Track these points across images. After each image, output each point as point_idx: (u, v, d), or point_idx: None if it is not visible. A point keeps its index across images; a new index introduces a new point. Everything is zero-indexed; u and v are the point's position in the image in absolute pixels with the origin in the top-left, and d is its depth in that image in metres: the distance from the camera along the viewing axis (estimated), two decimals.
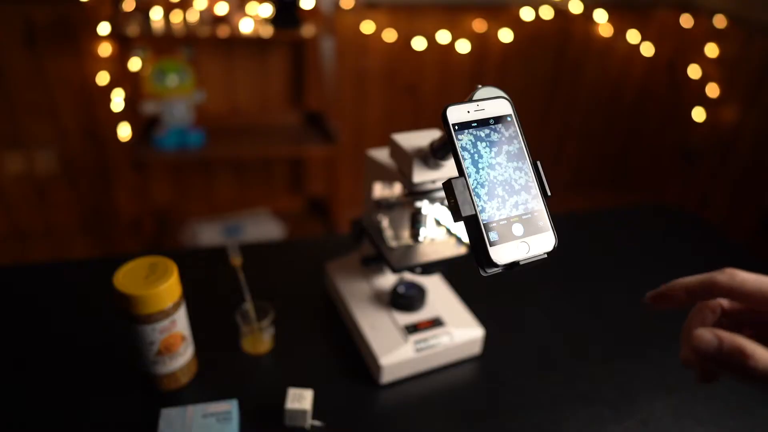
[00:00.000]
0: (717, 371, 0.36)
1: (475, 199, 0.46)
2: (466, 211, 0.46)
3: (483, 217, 0.46)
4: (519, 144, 0.49)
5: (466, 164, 0.47)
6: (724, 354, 0.35)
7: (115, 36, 1.96)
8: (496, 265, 0.46)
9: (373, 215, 0.86)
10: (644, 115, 2.83)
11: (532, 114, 2.68)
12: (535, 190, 0.49)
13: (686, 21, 2.54)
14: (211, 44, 2.18)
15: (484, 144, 0.48)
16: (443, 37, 2.38)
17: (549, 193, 0.49)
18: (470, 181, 0.47)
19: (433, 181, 0.75)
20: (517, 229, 0.47)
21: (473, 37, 2.42)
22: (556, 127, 2.76)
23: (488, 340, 0.89)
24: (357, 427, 0.76)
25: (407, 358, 0.81)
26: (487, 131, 0.49)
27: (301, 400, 0.73)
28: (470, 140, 0.48)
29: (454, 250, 0.81)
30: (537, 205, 0.48)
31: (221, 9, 1.99)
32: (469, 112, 0.49)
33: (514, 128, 0.50)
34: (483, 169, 0.47)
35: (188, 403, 0.73)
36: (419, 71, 2.45)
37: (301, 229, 2.46)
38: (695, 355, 0.36)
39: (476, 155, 0.48)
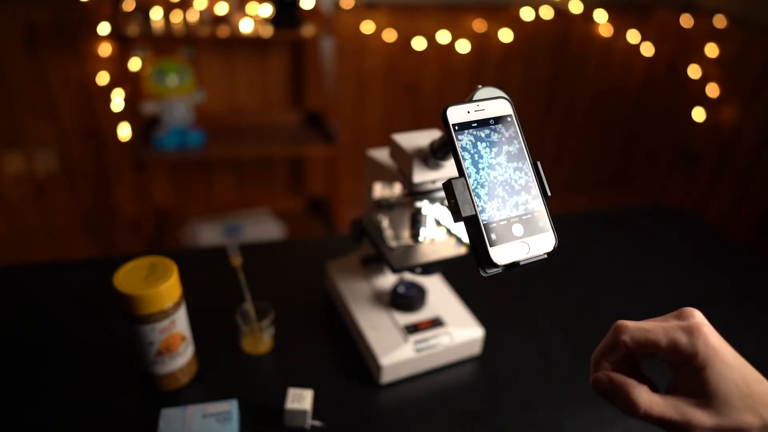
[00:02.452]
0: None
1: (475, 199, 0.46)
2: (466, 212, 0.46)
3: (483, 218, 0.46)
4: (519, 144, 0.49)
5: (466, 164, 0.47)
6: (615, 395, 0.42)
7: (115, 36, 1.96)
8: (496, 266, 0.46)
9: (373, 215, 0.86)
10: (644, 115, 2.83)
11: (533, 114, 2.68)
12: (535, 190, 0.49)
13: (686, 21, 2.54)
14: (211, 44, 2.18)
15: (484, 144, 0.48)
16: (443, 37, 2.38)
17: (549, 194, 0.49)
18: (470, 181, 0.47)
19: (433, 181, 0.75)
20: (517, 229, 0.47)
21: (473, 37, 2.42)
22: (557, 127, 2.76)
23: (488, 340, 0.89)
24: (357, 427, 0.76)
25: (407, 358, 0.81)
26: (487, 131, 0.49)
27: (301, 400, 0.73)
28: (470, 140, 0.48)
29: (454, 250, 0.81)
30: (537, 206, 0.48)
31: (221, 9, 1.99)
32: (469, 112, 0.49)
33: (514, 128, 0.50)
34: (483, 169, 0.47)
35: (188, 403, 0.73)
36: (419, 71, 2.45)
37: (301, 229, 2.46)
38: (595, 392, 0.44)
39: (476, 155, 0.48)
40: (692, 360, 0.41)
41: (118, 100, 2.04)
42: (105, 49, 2.00)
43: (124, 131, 2.09)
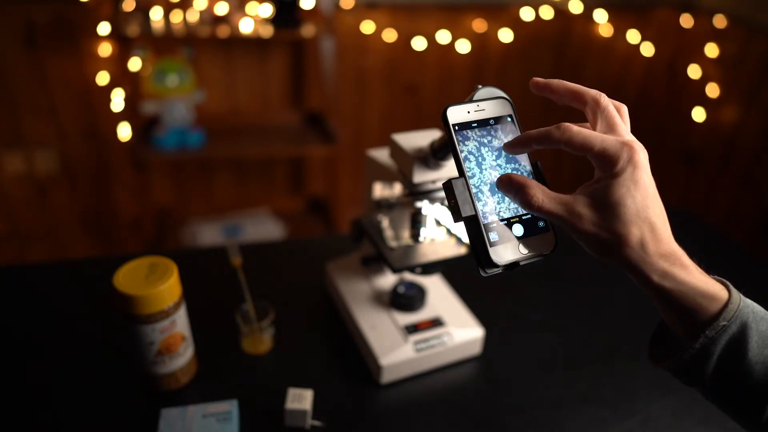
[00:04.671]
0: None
1: (475, 199, 0.46)
2: (466, 212, 0.46)
3: (483, 218, 0.46)
4: None
5: (466, 164, 0.47)
6: (516, 192, 0.45)
7: (115, 36, 1.96)
8: (496, 266, 0.46)
9: (373, 215, 0.86)
10: (644, 115, 2.83)
11: (532, 114, 2.68)
12: None
13: (686, 21, 2.54)
14: (211, 44, 2.18)
15: (484, 144, 0.48)
16: (443, 37, 2.37)
17: None
18: (470, 181, 0.47)
19: (433, 181, 0.75)
20: (517, 229, 0.47)
21: (473, 37, 2.42)
22: None
23: (488, 340, 0.89)
24: (357, 427, 0.76)
25: (407, 358, 0.81)
26: (487, 131, 0.49)
27: (301, 400, 0.73)
28: (470, 140, 0.48)
29: (454, 250, 0.81)
30: None
31: (221, 9, 1.99)
32: (469, 112, 0.49)
33: (515, 128, 0.50)
34: (483, 169, 0.47)
35: (188, 403, 0.73)
36: (419, 71, 2.45)
37: (301, 229, 2.46)
38: (500, 189, 0.47)
39: (476, 155, 0.48)
40: (612, 166, 0.43)
41: (118, 100, 2.04)
42: (105, 49, 2.00)
43: (124, 131, 2.09)
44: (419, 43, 2.36)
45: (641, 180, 0.43)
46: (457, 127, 0.48)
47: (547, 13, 2.42)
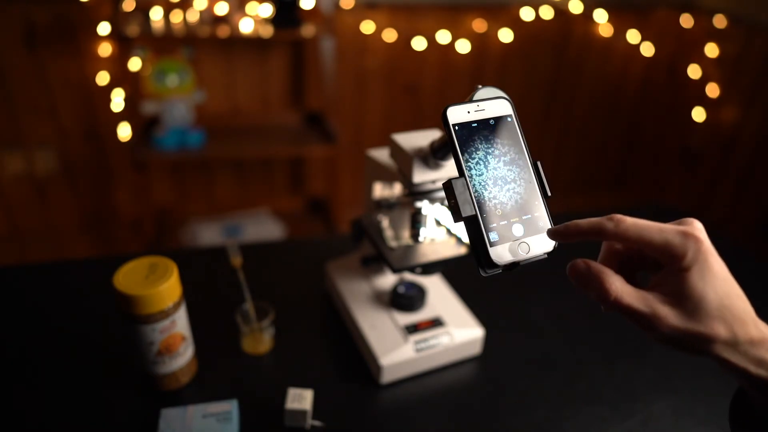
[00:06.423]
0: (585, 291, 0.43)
1: (475, 199, 0.46)
2: (466, 212, 0.46)
3: (483, 218, 0.46)
4: (519, 144, 0.49)
5: (467, 165, 0.47)
6: (590, 280, 0.42)
7: (115, 36, 1.96)
8: (496, 266, 0.46)
9: (373, 215, 0.86)
10: (644, 115, 2.83)
11: (533, 114, 2.68)
12: (536, 190, 0.49)
13: (686, 21, 2.54)
14: (211, 44, 2.18)
15: (484, 144, 0.48)
16: (443, 37, 2.38)
17: (549, 194, 0.49)
18: (470, 181, 0.47)
19: (433, 181, 0.75)
20: (517, 229, 0.47)
21: (473, 37, 2.42)
22: (556, 127, 2.76)
23: (488, 340, 0.89)
24: (357, 427, 0.76)
25: (407, 358, 0.81)
26: (487, 131, 0.49)
27: (301, 400, 0.73)
28: (470, 140, 0.48)
29: (454, 250, 0.81)
30: (537, 206, 0.48)
31: (221, 9, 1.99)
32: (469, 112, 0.49)
33: (515, 128, 0.50)
34: (483, 169, 0.47)
35: (188, 403, 0.73)
36: (419, 71, 2.45)
37: (301, 229, 2.46)
38: (570, 277, 0.44)
39: (476, 155, 0.48)
40: (679, 260, 0.40)
41: (118, 100, 2.04)
42: (105, 49, 2.00)
43: (124, 131, 2.09)
44: (419, 43, 2.36)
45: (714, 267, 0.40)
46: (457, 127, 0.48)
47: (547, 13, 2.42)
